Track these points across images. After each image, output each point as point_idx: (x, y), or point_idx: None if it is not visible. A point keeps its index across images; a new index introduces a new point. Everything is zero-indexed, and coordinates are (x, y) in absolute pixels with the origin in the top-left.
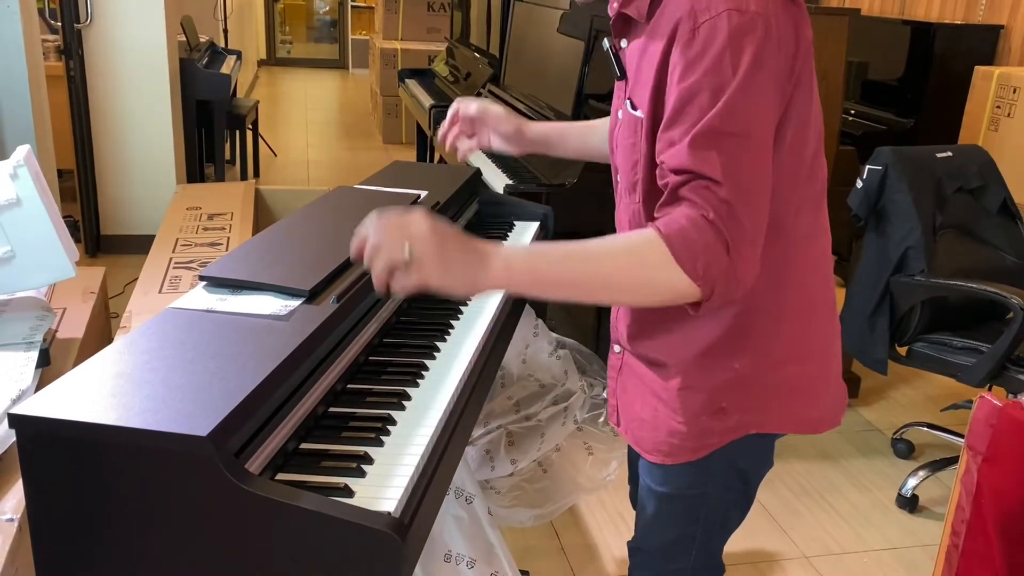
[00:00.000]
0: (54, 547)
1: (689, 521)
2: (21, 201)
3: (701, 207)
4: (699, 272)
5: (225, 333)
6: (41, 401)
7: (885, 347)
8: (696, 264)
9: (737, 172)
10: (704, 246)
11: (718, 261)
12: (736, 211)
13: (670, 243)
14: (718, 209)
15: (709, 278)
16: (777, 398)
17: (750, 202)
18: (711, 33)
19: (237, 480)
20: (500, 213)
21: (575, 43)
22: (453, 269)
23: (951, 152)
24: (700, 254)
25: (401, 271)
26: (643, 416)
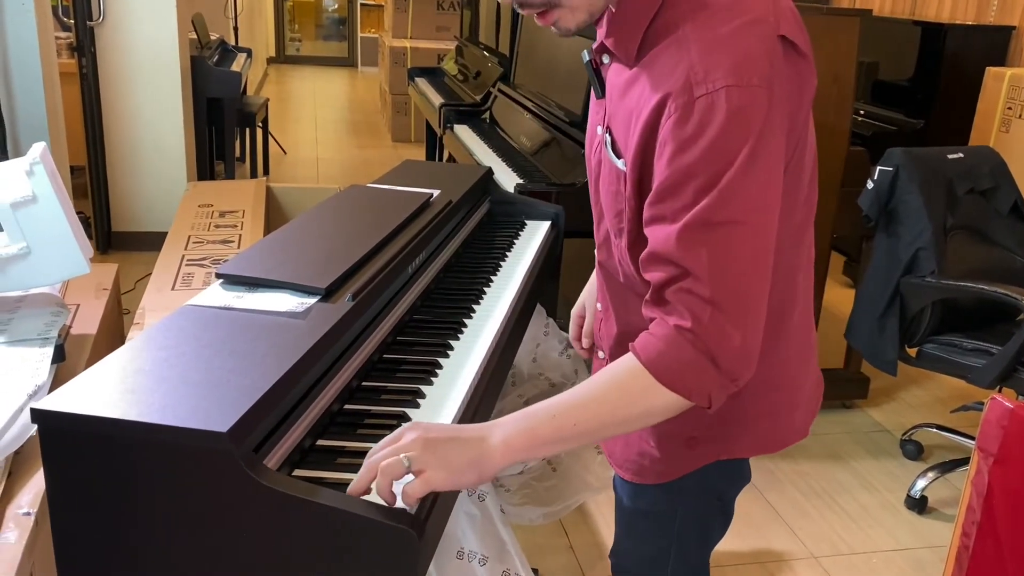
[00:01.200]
0: (74, 541)
1: (662, 536)
2: (37, 198)
3: (680, 314)
4: (691, 389)
5: (242, 330)
6: (63, 396)
7: (895, 348)
8: (685, 384)
9: (726, 265)
10: (687, 364)
11: (705, 373)
12: (721, 312)
13: (652, 369)
14: (699, 315)
15: (702, 391)
16: (746, 425)
17: (740, 297)
18: (708, 112)
19: (256, 475)
20: (511, 212)
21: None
22: (455, 467)
23: (962, 153)
24: (686, 373)
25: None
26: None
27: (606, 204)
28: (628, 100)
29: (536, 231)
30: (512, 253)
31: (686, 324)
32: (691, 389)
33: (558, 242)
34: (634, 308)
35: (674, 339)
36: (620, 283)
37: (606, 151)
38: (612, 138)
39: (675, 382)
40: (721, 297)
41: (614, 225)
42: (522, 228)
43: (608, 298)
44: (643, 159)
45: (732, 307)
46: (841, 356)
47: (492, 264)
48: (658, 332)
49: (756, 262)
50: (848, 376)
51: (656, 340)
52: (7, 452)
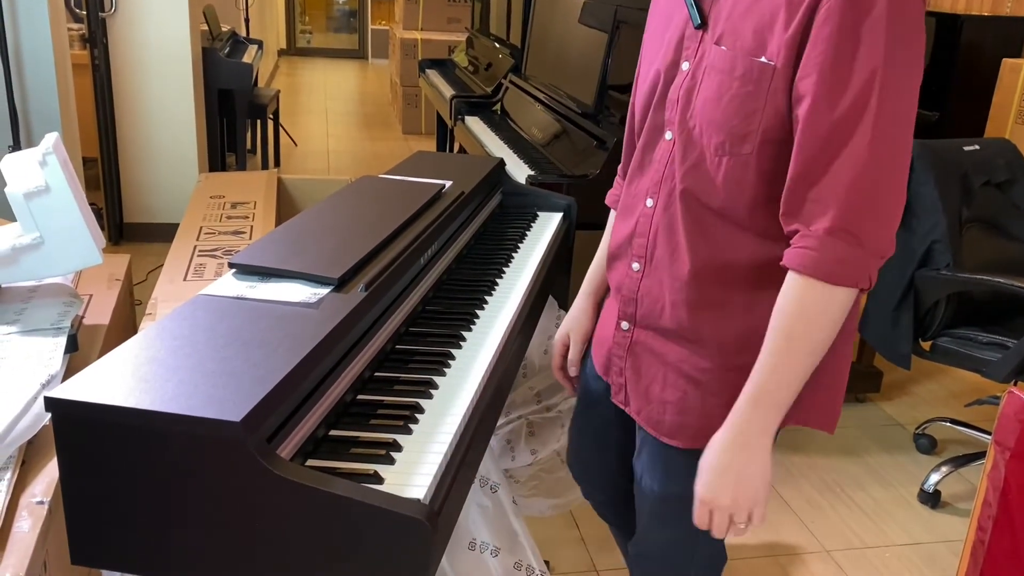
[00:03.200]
0: (87, 529)
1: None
2: (50, 188)
3: (823, 215)
4: (856, 278)
5: (255, 320)
6: (77, 385)
7: (909, 341)
8: (849, 275)
9: (871, 153)
10: (844, 259)
11: (861, 260)
12: (863, 200)
13: (819, 275)
14: (843, 209)
15: (863, 275)
16: (811, 390)
17: (883, 181)
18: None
19: (269, 465)
20: (523, 204)
21: (598, 34)
22: (764, 486)
23: (978, 145)
24: (846, 266)
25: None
26: (666, 398)
27: (722, 117)
28: (763, 7)
29: (548, 223)
30: (524, 245)
31: (834, 224)
32: (856, 278)
33: (570, 234)
34: (721, 238)
35: (825, 242)
36: (714, 209)
37: (736, 58)
38: (730, 49)
39: (841, 277)
40: (871, 193)
41: (738, 132)
42: (534, 220)
43: (683, 237)
44: (800, 46)
45: (881, 199)
46: (855, 349)
47: (504, 255)
48: (808, 243)
49: (902, 151)
50: (861, 370)
51: (809, 251)
52: (21, 441)
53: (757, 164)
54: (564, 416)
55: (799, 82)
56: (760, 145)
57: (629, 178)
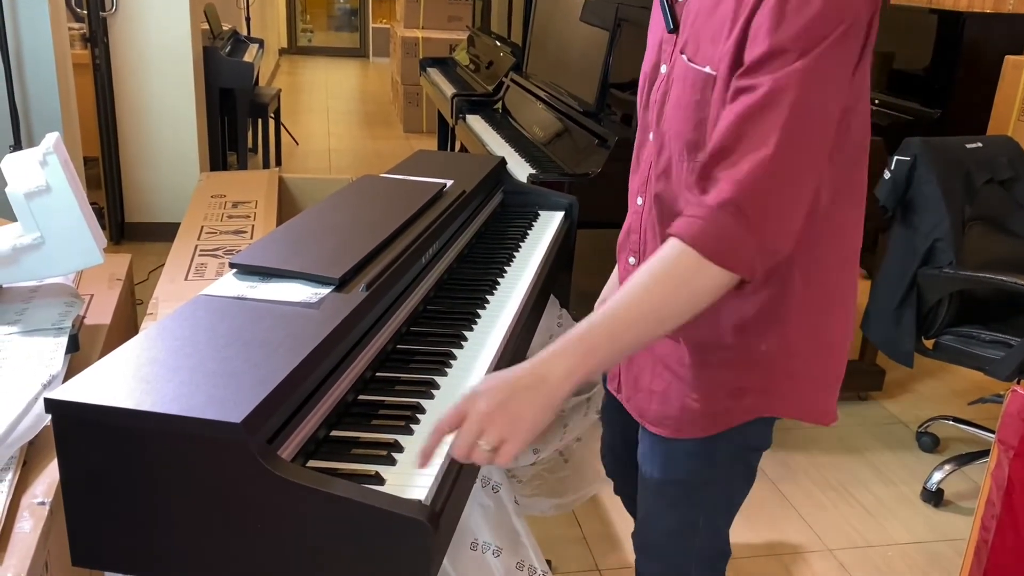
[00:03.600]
0: (88, 530)
1: (692, 505)
2: (51, 188)
3: (721, 190)
4: (734, 260)
5: (256, 320)
6: (77, 386)
7: (911, 340)
8: (727, 254)
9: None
10: (728, 235)
11: (746, 243)
12: (763, 184)
13: (696, 244)
14: (742, 186)
15: (744, 261)
16: (795, 384)
17: (787, 172)
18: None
19: (270, 466)
20: (525, 202)
21: (599, 32)
22: (530, 422)
23: (981, 143)
24: (727, 244)
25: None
26: (653, 388)
27: (680, 123)
28: (718, 16)
29: (549, 221)
30: (526, 244)
31: (727, 197)
32: (735, 260)
33: (571, 233)
34: None
35: (715, 214)
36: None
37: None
38: (689, 57)
39: (717, 253)
40: (767, 171)
41: (691, 140)
42: (535, 218)
43: (659, 236)
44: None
45: (781, 182)
46: (857, 348)
47: (505, 254)
48: (698, 212)
49: (816, 143)
50: (864, 368)
51: (696, 219)
52: (22, 442)
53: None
54: (566, 416)
55: (737, 78)
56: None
57: (630, 174)
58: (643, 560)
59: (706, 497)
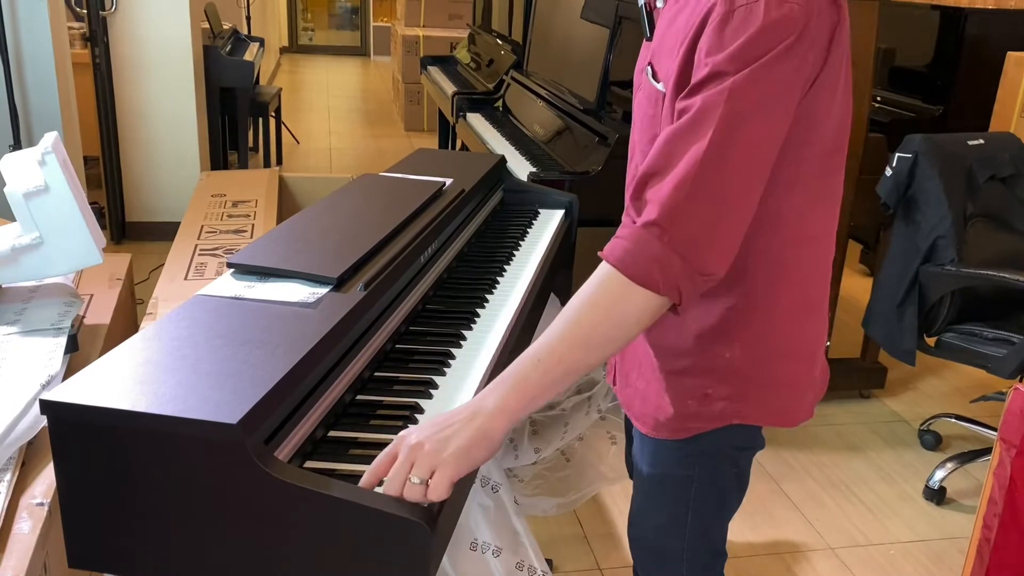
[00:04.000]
0: (85, 532)
1: (677, 503)
2: (49, 188)
3: (649, 211)
4: (658, 282)
5: (254, 320)
6: (72, 387)
7: (913, 337)
8: (652, 277)
9: (709, 161)
10: (653, 257)
11: (672, 266)
12: (690, 206)
13: (620, 266)
14: (667, 208)
15: (670, 284)
16: (761, 391)
17: (717, 192)
18: (745, 20)
19: (266, 467)
20: (525, 201)
21: (600, 29)
22: (463, 453)
23: (983, 139)
24: (652, 266)
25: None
26: (638, 385)
27: (641, 132)
28: (674, 28)
29: (549, 220)
30: (525, 242)
31: (652, 218)
32: (659, 282)
33: (572, 231)
34: None
35: (640, 235)
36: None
37: (647, 80)
38: (653, 70)
39: (642, 275)
40: (694, 191)
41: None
42: (535, 217)
43: None
44: (684, 74)
45: (706, 202)
46: (858, 346)
47: (505, 253)
48: (624, 233)
49: (745, 163)
50: (865, 366)
51: (622, 240)
52: (20, 442)
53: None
54: (567, 414)
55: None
56: None
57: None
58: (636, 553)
59: (693, 495)
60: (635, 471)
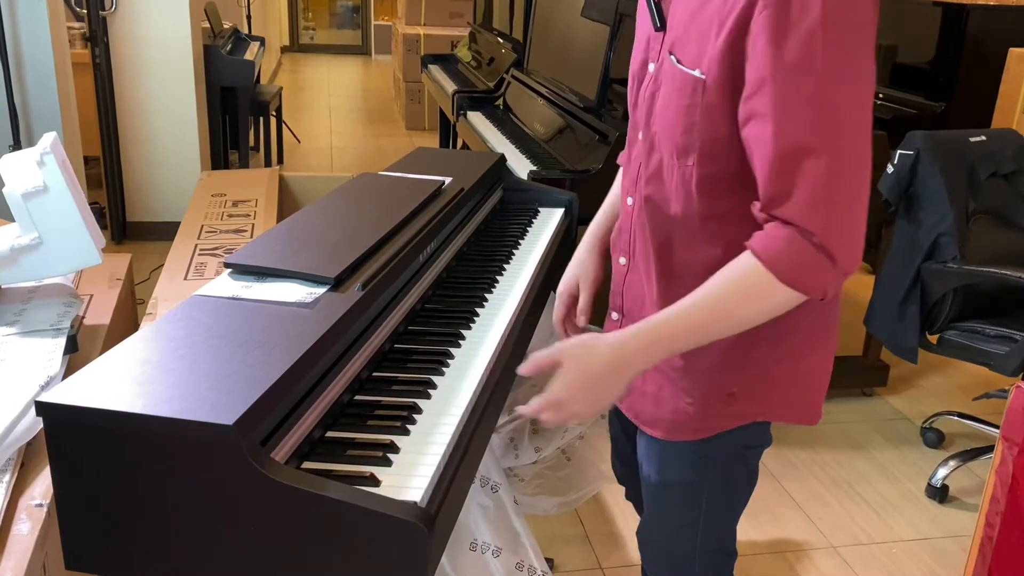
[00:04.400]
0: (81, 533)
1: (691, 507)
2: (48, 188)
3: (801, 216)
4: (810, 286)
5: (251, 320)
6: (68, 388)
7: (915, 335)
8: (806, 282)
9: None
10: (809, 264)
11: (826, 272)
12: (838, 213)
13: (775, 269)
14: (821, 216)
15: (820, 287)
16: (785, 388)
17: (853, 194)
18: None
19: (263, 469)
20: (524, 199)
21: (600, 27)
22: (602, 404)
23: (985, 136)
24: (807, 272)
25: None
26: (645, 390)
27: (669, 125)
28: (705, 14)
29: (549, 218)
30: (525, 241)
31: (808, 226)
32: (810, 286)
33: (572, 229)
34: (685, 242)
35: (795, 239)
36: (671, 216)
37: (676, 68)
38: (677, 58)
39: (797, 281)
40: (838, 198)
41: (680, 144)
42: (535, 215)
43: (649, 239)
44: (731, 59)
45: (846, 206)
46: (860, 343)
47: (505, 252)
48: (778, 233)
49: (863, 159)
50: (868, 364)
51: (777, 241)
52: (19, 443)
53: (700, 177)
54: None
55: (746, 101)
56: (699, 159)
57: (622, 173)
58: (647, 558)
59: (705, 497)
60: (642, 478)
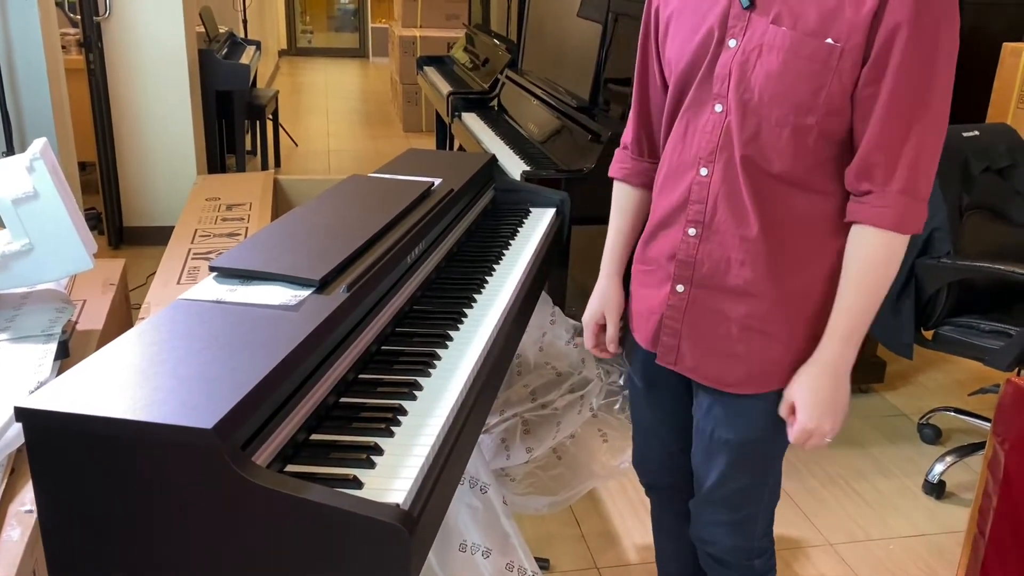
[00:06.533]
0: (63, 539)
1: (765, 463)
2: (38, 194)
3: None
4: (919, 226)
5: (234, 324)
6: (48, 394)
7: (911, 331)
8: (916, 226)
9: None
10: (914, 213)
11: (922, 213)
12: (923, 172)
13: (901, 228)
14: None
15: (921, 223)
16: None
17: (933, 155)
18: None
19: (243, 472)
20: (516, 200)
21: (593, 26)
22: (843, 410)
23: (978, 131)
24: (916, 220)
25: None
26: (734, 351)
27: (787, 89)
28: None
29: (541, 218)
30: (516, 241)
31: (903, 184)
32: (919, 226)
33: (564, 229)
34: (782, 199)
35: (898, 200)
36: (771, 176)
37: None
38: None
39: (909, 227)
40: (926, 153)
41: (805, 104)
42: (526, 216)
43: (747, 198)
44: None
45: (931, 157)
46: None
47: (495, 253)
48: (883, 201)
49: (943, 127)
50: (864, 360)
51: (885, 208)
52: (9, 449)
53: (819, 132)
54: (560, 413)
55: (871, 67)
56: (824, 116)
57: (669, 151)
58: (709, 512)
59: (776, 450)
60: (712, 445)
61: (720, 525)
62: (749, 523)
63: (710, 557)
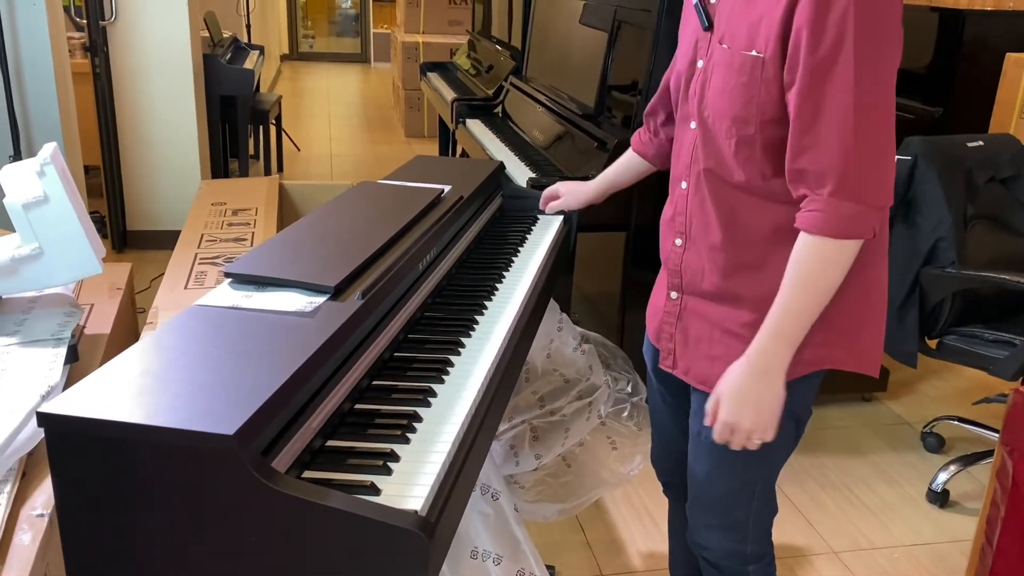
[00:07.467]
0: (83, 544)
1: (750, 468)
2: (48, 198)
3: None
4: (861, 232)
5: (251, 330)
6: (69, 399)
7: (915, 340)
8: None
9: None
10: (851, 215)
11: (865, 215)
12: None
13: (830, 233)
14: (845, 174)
15: (867, 229)
16: (850, 334)
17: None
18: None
19: (264, 478)
20: (524, 207)
21: (598, 34)
22: (773, 411)
23: (982, 141)
24: (853, 222)
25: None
26: (713, 353)
27: (728, 103)
28: (755, 9)
29: (549, 226)
30: (524, 248)
31: (834, 187)
32: (861, 231)
33: (571, 236)
34: (750, 206)
35: (830, 203)
36: (735, 184)
37: (731, 53)
38: (730, 46)
39: (849, 233)
40: (862, 154)
41: (741, 116)
42: (534, 223)
43: (712, 210)
44: (782, 39)
45: (870, 159)
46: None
47: (504, 260)
48: (815, 206)
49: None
50: None
51: (818, 212)
52: (21, 453)
53: (761, 142)
54: (568, 420)
55: (787, 72)
56: (760, 125)
57: (672, 163)
58: (700, 514)
59: (763, 457)
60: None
61: (711, 528)
62: (740, 527)
63: (706, 562)
